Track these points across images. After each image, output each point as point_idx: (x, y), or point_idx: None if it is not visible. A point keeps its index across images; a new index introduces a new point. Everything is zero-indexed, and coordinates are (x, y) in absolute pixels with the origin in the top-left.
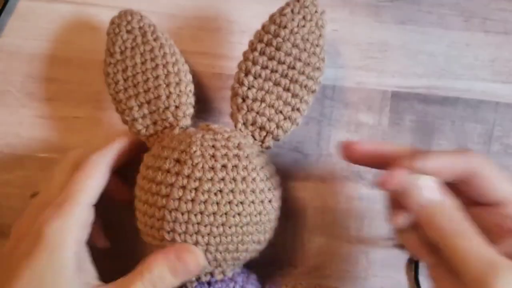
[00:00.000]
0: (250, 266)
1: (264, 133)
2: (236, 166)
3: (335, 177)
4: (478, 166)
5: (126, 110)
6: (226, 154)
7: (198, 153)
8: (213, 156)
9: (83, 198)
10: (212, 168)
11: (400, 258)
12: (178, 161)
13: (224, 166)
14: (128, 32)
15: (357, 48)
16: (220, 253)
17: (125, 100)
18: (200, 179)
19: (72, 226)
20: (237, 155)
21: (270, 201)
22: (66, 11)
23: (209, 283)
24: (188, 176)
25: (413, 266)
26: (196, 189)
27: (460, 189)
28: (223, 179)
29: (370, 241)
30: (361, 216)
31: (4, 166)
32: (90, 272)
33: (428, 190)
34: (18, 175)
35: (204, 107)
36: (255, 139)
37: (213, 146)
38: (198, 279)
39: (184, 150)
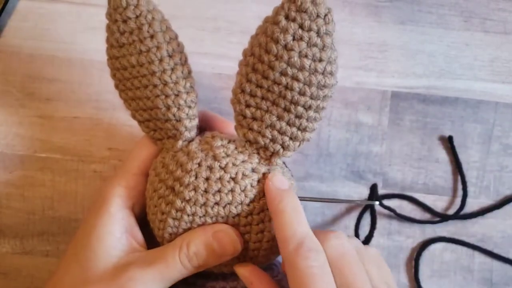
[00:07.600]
0: None
1: (269, 153)
2: (230, 202)
3: (335, 177)
4: None
5: (131, 111)
6: (219, 191)
7: (191, 187)
8: (205, 191)
9: (129, 167)
10: (204, 204)
11: (400, 258)
12: (172, 189)
13: (216, 203)
14: (124, 22)
15: (357, 48)
16: None
17: (129, 100)
18: (193, 214)
19: (116, 193)
20: (232, 190)
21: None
22: (66, 11)
23: None
24: (182, 211)
25: (413, 264)
26: (191, 222)
27: None
28: (216, 215)
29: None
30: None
31: (4, 166)
32: (135, 237)
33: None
34: (18, 175)
35: (204, 107)
36: (261, 157)
37: (207, 179)
38: None
39: (179, 179)
